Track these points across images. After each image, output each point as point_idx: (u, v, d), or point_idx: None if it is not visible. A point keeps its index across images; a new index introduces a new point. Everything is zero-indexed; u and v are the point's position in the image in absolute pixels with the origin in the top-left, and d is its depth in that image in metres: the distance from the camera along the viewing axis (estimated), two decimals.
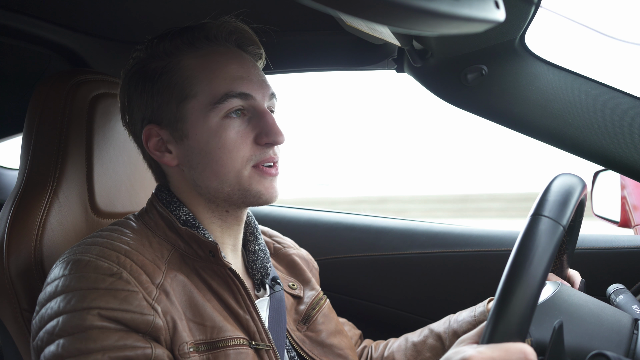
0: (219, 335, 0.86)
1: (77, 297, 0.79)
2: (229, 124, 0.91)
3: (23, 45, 1.36)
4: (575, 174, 0.77)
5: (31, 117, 1.06)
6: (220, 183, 0.92)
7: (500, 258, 1.48)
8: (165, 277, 0.86)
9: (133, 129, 0.99)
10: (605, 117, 1.01)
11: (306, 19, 1.26)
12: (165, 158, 0.94)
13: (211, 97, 0.90)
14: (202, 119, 0.90)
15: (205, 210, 0.97)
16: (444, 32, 0.48)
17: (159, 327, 0.81)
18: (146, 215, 0.97)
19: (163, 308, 0.82)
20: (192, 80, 0.91)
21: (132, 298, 0.80)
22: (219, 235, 0.98)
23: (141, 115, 0.95)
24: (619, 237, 1.45)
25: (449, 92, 1.10)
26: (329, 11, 0.44)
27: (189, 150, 0.92)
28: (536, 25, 1.00)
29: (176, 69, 0.92)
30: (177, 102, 0.91)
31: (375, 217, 1.78)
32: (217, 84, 0.91)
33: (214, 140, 0.90)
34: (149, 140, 0.94)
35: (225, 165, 0.90)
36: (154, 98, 0.93)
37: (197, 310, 0.87)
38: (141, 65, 0.94)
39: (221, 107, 0.90)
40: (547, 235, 0.66)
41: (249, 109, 0.93)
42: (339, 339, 1.09)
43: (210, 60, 0.93)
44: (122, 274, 0.81)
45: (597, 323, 0.75)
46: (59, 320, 0.78)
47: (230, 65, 0.93)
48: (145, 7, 1.22)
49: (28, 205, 1.01)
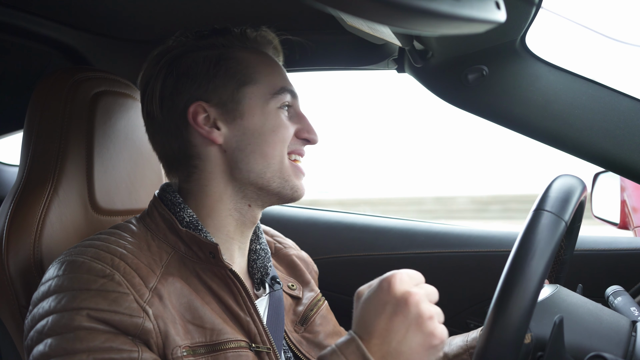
0: (219, 338, 0.86)
1: (67, 297, 0.79)
2: (282, 112, 0.98)
3: (24, 42, 1.36)
4: (575, 176, 0.78)
5: (32, 114, 1.06)
6: (265, 166, 0.95)
7: (499, 258, 1.48)
8: (160, 281, 0.86)
9: (166, 113, 0.97)
10: (606, 118, 1.01)
11: (306, 18, 1.26)
12: (213, 134, 0.95)
13: (270, 88, 0.96)
14: (261, 104, 0.96)
15: (229, 199, 0.97)
16: (444, 33, 0.48)
17: (148, 330, 0.80)
18: (147, 217, 0.96)
19: (155, 311, 0.82)
20: (253, 69, 0.97)
21: (122, 300, 0.80)
22: (232, 231, 0.98)
23: (187, 97, 0.95)
24: (618, 238, 1.45)
25: (450, 92, 1.11)
26: (330, 10, 0.45)
27: (240, 130, 0.95)
28: (537, 26, 1.00)
29: (233, 57, 0.97)
30: (237, 85, 0.95)
31: (374, 216, 1.78)
32: (275, 77, 0.98)
33: (270, 124, 0.95)
34: (196, 116, 0.95)
35: (275, 147, 0.95)
36: (210, 80, 0.95)
37: (197, 312, 0.87)
38: (186, 53, 0.97)
39: (279, 98, 0.96)
40: (549, 228, 0.67)
41: (292, 108, 1.00)
42: (336, 340, 1.09)
43: (263, 57, 1.00)
44: (114, 275, 0.81)
45: (596, 322, 0.75)
46: (48, 320, 0.79)
47: (278, 66, 1.02)
48: (146, 4, 1.22)
49: (28, 201, 1.01)
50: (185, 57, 0.97)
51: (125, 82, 1.17)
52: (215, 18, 0.99)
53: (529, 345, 0.69)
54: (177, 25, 0.99)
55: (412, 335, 0.71)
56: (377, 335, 0.72)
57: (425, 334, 0.71)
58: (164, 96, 0.97)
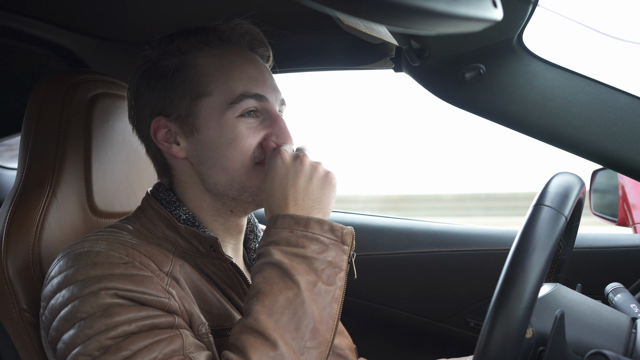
0: (225, 323, 0.88)
1: (91, 281, 0.78)
2: (243, 121, 0.92)
3: (21, 45, 1.35)
4: (574, 173, 0.78)
5: (29, 117, 1.06)
6: (230, 179, 0.92)
7: (498, 257, 1.49)
8: (174, 265, 0.87)
9: (139, 124, 0.99)
10: (604, 116, 1.01)
11: (303, 18, 1.26)
12: (173, 149, 0.94)
13: (227, 97, 0.92)
14: (217, 116, 0.91)
15: (209, 207, 0.96)
16: (441, 32, 0.48)
17: (175, 309, 0.81)
18: (142, 215, 0.96)
19: (177, 293, 0.83)
20: (208, 78, 0.92)
21: (147, 281, 0.80)
22: (221, 234, 0.98)
23: (150, 110, 0.95)
24: (617, 235, 1.46)
25: (447, 91, 1.11)
26: (326, 11, 0.44)
27: (198, 144, 0.93)
28: (534, 24, 1.00)
29: (191, 66, 0.93)
30: (191, 98, 0.92)
31: (373, 216, 1.78)
32: (234, 84, 0.92)
33: (226, 136, 0.91)
34: (157, 132, 0.94)
35: (235, 160, 0.91)
36: (167, 93, 0.93)
37: (205, 297, 0.88)
38: (153, 63, 0.95)
39: (237, 106, 0.91)
40: (550, 223, 0.67)
41: (262, 111, 0.95)
42: (339, 339, 1.09)
43: (225, 60, 0.94)
44: (134, 262, 0.82)
45: (597, 319, 0.76)
46: (75, 304, 0.77)
47: (246, 66, 0.95)
48: (143, 7, 1.22)
49: (26, 204, 1.00)
50: (151, 67, 0.95)
51: (122, 84, 1.17)
52: (210, 19, 0.99)
53: (531, 340, 0.70)
54: (174, 26, 0.98)
55: (315, 184, 0.87)
56: (291, 200, 0.86)
57: (323, 177, 0.88)
58: (136, 108, 0.98)
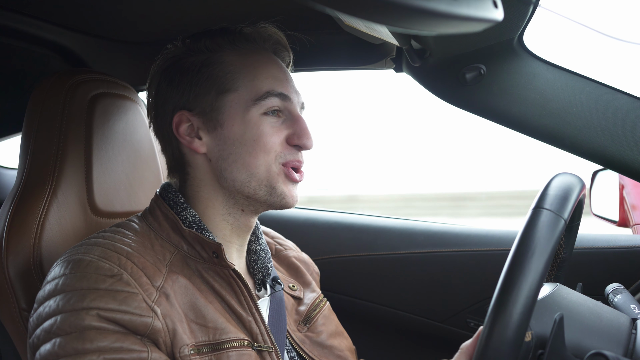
0: (222, 337, 0.87)
1: (76, 296, 0.79)
2: (266, 119, 0.94)
3: (22, 45, 1.35)
4: (574, 174, 0.78)
5: (30, 116, 1.06)
6: (249, 176, 0.93)
7: (499, 257, 1.48)
8: (166, 280, 0.86)
9: (159, 119, 0.99)
10: (604, 116, 1.01)
11: (303, 18, 1.26)
12: (194, 144, 0.95)
13: (253, 94, 0.93)
14: (241, 112, 0.93)
15: (221, 205, 0.97)
16: (442, 32, 0.48)
17: (158, 329, 0.81)
18: (150, 216, 0.96)
19: (163, 310, 0.82)
20: (235, 74, 0.94)
21: (132, 299, 0.80)
22: (228, 234, 0.98)
23: (173, 105, 0.96)
24: (618, 236, 1.45)
25: (448, 91, 1.11)
26: (327, 11, 0.44)
27: (221, 139, 0.94)
28: (535, 24, 1.00)
29: (217, 62, 0.95)
30: (217, 93, 0.94)
31: (374, 216, 1.78)
32: (260, 82, 0.94)
33: (250, 133, 0.92)
34: (179, 126, 0.95)
35: (258, 157, 0.92)
36: (192, 88, 0.94)
37: (200, 311, 0.87)
38: (177, 59, 0.97)
39: (262, 104, 0.93)
40: (549, 226, 0.67)
41: (285, 111, 0.96)
42: (339, 340, 1.09)
43: (251, 59, 0.96)
44: (122, 275, 0.81)
45: (597, 320, 0.75)
46: (57, 319, 0.78)
47: (271, 66, 0.97)
48: (144, 6, 1.22)
49: (27, 204, 1.00)
50: (176, 64, 0.97)
51: (122, 84, 1.17)
52: (211, 19, 0.99)
53: (530, 343, 0.70)
54: (175, 26, 0.99)
55: None
56: None
57: None
58: (157, 105, 0.98)
